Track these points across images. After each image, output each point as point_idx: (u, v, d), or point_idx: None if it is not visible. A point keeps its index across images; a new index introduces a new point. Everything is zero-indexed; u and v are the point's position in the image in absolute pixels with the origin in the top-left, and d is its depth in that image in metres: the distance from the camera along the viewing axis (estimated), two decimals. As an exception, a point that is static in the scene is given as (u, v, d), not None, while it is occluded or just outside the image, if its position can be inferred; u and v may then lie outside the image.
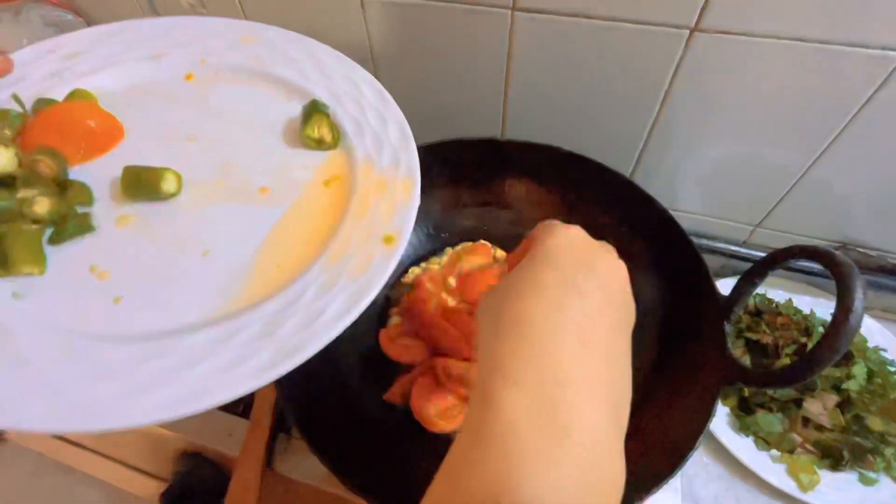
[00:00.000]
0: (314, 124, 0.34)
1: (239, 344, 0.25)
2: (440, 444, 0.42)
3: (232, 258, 0.29)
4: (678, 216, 0.45)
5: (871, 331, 0.57)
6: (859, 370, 0.52)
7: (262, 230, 0.30)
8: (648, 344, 0.46)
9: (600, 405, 0.19)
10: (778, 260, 0.35)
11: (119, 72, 0.38)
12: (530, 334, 0.20)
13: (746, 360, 0.55)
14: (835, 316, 0.28)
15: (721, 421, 0.52)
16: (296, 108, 0.36)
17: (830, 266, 0.29)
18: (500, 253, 0.55)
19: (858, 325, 0.27)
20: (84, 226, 0.30)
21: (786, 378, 0.31)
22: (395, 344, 0.46)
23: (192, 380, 0.23)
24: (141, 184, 0.31)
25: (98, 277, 0.28)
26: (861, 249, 0.56)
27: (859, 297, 0.27)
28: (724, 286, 0.65)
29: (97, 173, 0.32)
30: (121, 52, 0.39)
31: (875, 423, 0.49)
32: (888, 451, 0.48)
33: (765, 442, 0.51)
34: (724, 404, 0.54)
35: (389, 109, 0.36)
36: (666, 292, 0.46)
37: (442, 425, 0.41)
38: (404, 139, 0.34)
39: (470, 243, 0.55)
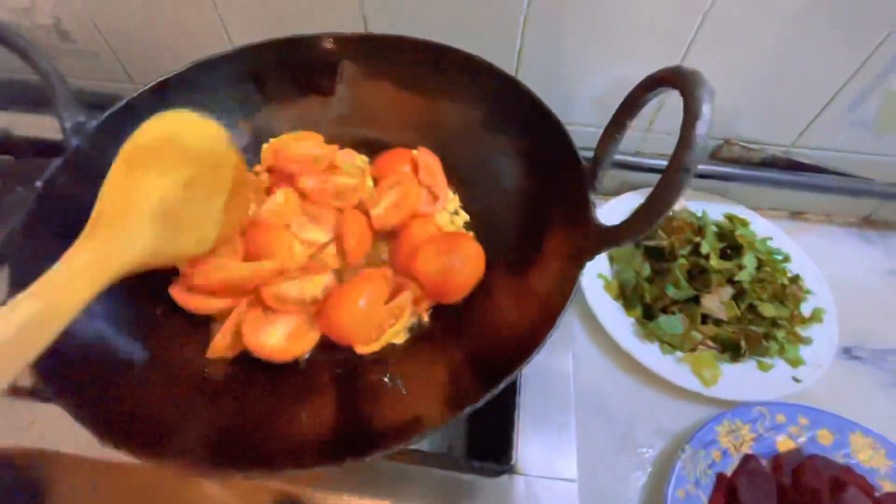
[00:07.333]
0: None
1: None
2: (293, 381, 0.35)
3: None
4: (574, 130, 0.39)
5: (757, 227, 0.58)
6: (749, 261, 0.51)
7: None
8: (513, 223, 0.42)
9: None
10: (637, 98, 0.30)
11: None
12: None
13: (647, 268, 0.53)
14: (683, 125, 0.24)
15: (627, 332, 0.50)
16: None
17: (675, 79, 0.26)
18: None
19: (706, 135, 0.23)
20: None
21: (647, 213, 0.27)
22: (196, 296, 0.36)
23: None
24: None
25: None
26: (743, 144, 0.56)
27: (707, 102, 0.23)
28: (622, 202, 0.62)
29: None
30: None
31: (767, 308, 0.49)
32: (780, 335, 0.48)
33: (669, 346, 0.49)
34: (629, 315, 0.51)
35: None
36: (532, 176, 0.42)
37: (292, 349, 0.34)
38: None
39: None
